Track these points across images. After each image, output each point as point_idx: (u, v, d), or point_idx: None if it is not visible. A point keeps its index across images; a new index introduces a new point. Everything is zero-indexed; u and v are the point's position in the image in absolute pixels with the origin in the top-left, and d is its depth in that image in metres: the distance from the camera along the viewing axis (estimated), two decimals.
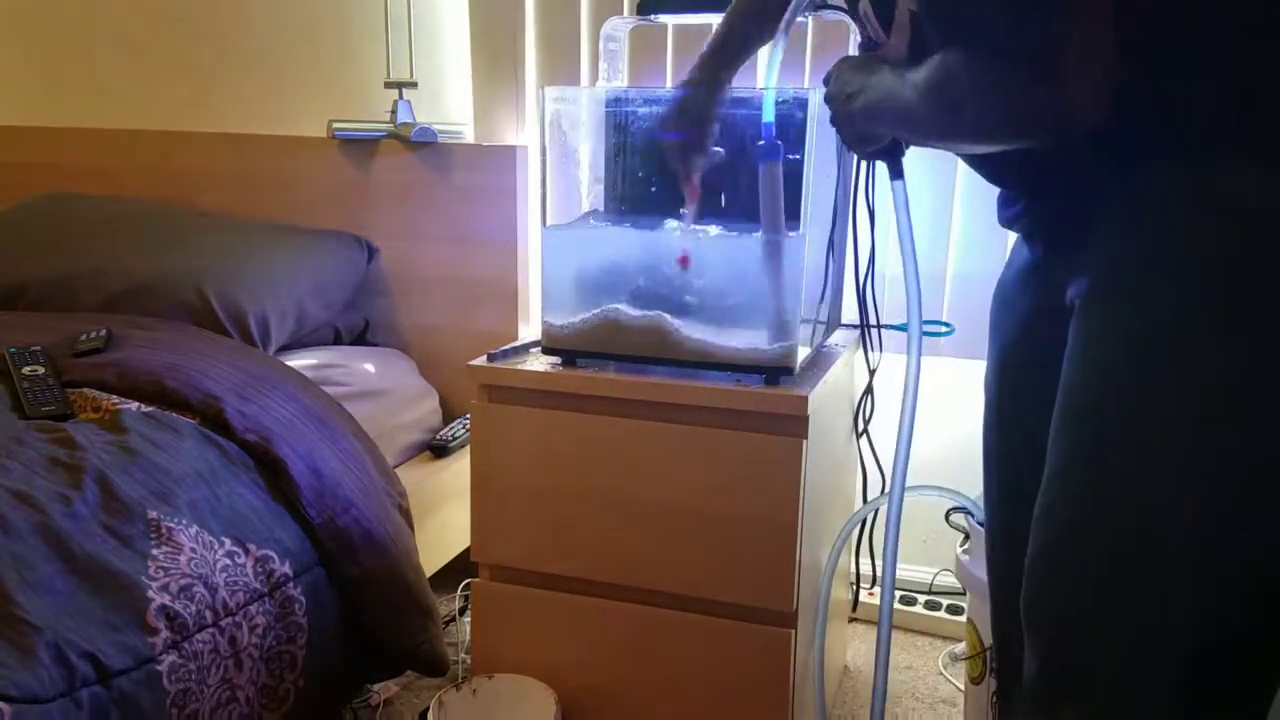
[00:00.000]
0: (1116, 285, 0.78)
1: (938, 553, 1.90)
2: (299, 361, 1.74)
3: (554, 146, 1.37)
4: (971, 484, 1.31)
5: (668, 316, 1.29)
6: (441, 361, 2.00)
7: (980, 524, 1.39)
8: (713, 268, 1.30)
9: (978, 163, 0.95)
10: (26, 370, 1.44)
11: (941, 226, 1.70)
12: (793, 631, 1.30)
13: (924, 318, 1.70)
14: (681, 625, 1.34)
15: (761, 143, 1.18)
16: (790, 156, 1.22)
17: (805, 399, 1.23)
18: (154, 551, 1.15)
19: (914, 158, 1.06)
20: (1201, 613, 0.74)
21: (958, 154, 1.03)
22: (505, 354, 1.41)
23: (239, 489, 1.32)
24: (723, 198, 1.34)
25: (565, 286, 1.35)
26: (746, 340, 1.28)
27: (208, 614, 1.16)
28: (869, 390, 1.65)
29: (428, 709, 1.36)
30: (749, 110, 1.26)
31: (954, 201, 1.70)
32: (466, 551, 1.61)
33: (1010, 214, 0.96)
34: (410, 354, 2.02)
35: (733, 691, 1.33)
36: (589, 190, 1.46)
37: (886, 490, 1.77)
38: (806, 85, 1.72)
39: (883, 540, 1.17)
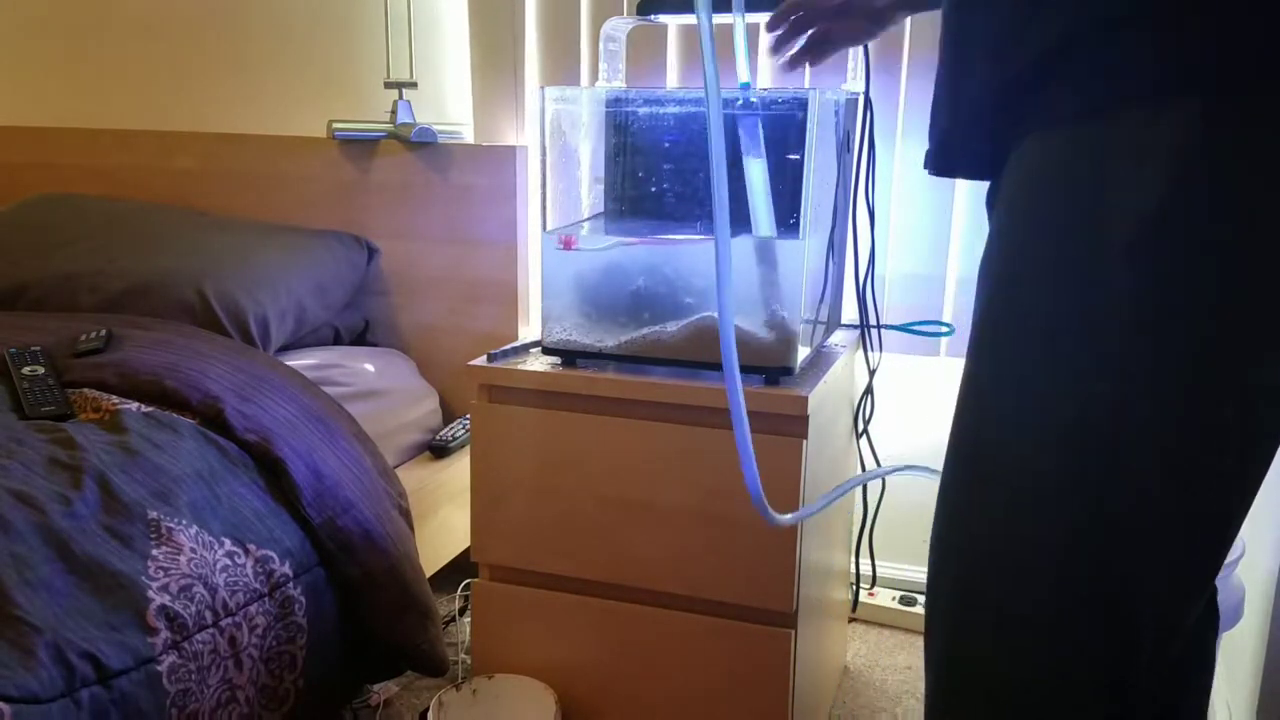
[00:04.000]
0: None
1: None
2: (299, 361, 1.74)
3: (554, 147, 1.36)
4: None
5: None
6: (441, 361, 2.00)
7: None
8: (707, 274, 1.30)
9: None
10: (26, 370, 1.44)
11: (942, 227, 1.70)
12: (793, 631, 1.30)
13: (925, 318, 1.72)
14: (681, 625, 1.34)
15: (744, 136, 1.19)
16: (790, 156, 1.22)
17: (805, 399, 1.23)
18: (154, 552, 1.15)
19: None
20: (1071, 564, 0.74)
21: None
22: (505, 354, 1.41)
23: (239, 489, 1.32)
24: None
25: (565, 291, 1.35)
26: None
27: (207, 614, 1.16)
28: (869, 390, 1.65)
29: (428, 709, 1.36)
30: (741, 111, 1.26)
31: (954, 202, 1.70)
32: (466, 551, 1.61)
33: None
34: (410, 354, 2.02)
35: (733, 691, 1.33)
36: (589, 191, 1.46)
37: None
38: (806, 85, 1.72)
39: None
